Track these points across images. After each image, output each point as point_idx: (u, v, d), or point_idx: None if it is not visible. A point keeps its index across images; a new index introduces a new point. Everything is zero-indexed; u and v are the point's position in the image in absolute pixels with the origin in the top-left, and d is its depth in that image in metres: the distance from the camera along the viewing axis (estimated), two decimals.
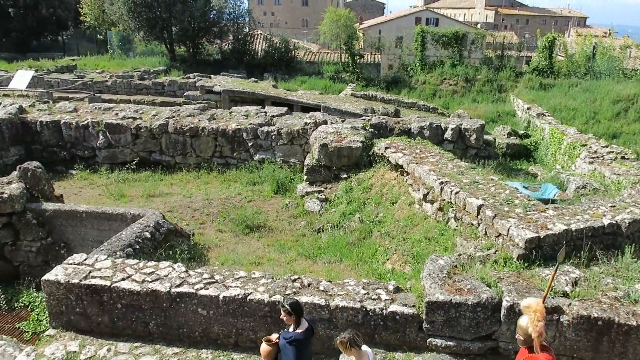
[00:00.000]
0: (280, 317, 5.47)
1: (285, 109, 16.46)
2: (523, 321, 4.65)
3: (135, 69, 31.22)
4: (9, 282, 9.53)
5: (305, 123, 14.70)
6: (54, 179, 12.95)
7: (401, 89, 29.61)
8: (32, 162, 10.57)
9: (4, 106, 16.15)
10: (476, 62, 31.26)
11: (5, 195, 9.52)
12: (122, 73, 29.57)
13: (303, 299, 6.47)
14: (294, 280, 6.97)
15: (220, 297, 6.60)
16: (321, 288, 6.78)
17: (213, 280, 6.96)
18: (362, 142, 12.95)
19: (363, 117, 15.84)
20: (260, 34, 40.25)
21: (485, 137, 15.40)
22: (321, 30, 36.89)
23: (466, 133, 14.63)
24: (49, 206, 10.04)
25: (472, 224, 8.50)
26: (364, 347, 5.18)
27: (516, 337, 4.80)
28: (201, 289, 6.74)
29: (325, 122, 14.61)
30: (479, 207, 8.34)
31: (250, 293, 6.66)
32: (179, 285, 6.80)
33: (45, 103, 17.77)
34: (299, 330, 5.33)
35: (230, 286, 6.81)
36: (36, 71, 28.25)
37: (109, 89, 27.29)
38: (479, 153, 14.70)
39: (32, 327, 8.23)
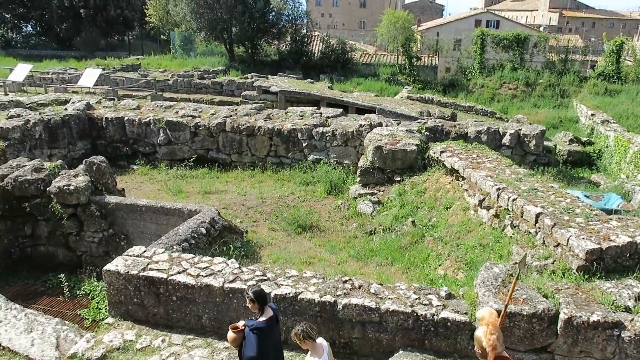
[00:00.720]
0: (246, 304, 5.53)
1: (341, 110, 16.49)
2: (479, 333, 4.47)
3: (196, 69, 32.08)
4: (73, 271, 9.98)
5: (360, 125, 14.67)
6: (116, 173, 13.46)
7: (458, 92, 29.09)
8: (98, 157, 11.05)
9: (73, 102, 16.99)
10: (538, 66, 30.31)
11: (72, 188, 10.00)
12: (183, 72, 30.47)
13: (353, 300, 6.47)
14: (345, 282, 6.96)
15: (272, 294, 6.67)
16: (372, 291, 6.75)
17: (265, 277, 7.05)
18: (417, 145, 12.79)
19: (418, 120, 15.66)
20: (318, 35, 40.51)
21: (546, 143, 14.89)
22: (378, 32, 36.72)
23: (525, 139, 14.20)
24: (112, 199, 10.45)
25: (530, 232, 8.24)
26: (319, 340, 5.21)
27: (475, 349, 4.61)
28: (253, 285, 6.83)
29: (380, 125, 14.54)
30: (538, 215, 8.07)
31: (301, 292, 6.70)
32: (232, 281, 6.93)
33: (111, 100, 18.56)
34: (262, 319, 5.40)
35: (282, 284, 6.88)
36: (103, 69, 29.53)
37: (170, 88, 28.20)
38: (539, 160, 14.23)
39: (92, 314, 8.57)
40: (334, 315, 6.57)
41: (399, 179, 12.62)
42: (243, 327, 5.48)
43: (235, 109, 16.47)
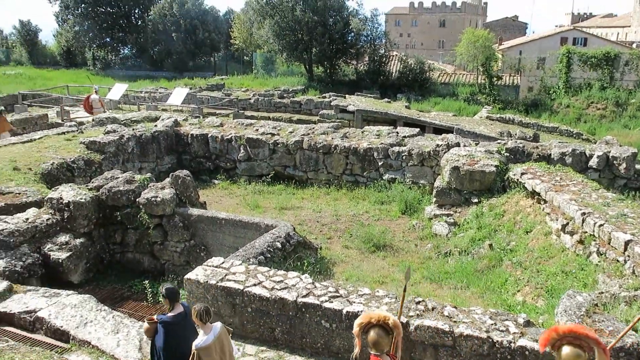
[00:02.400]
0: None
1: (417, 129, 16.39)
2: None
3: (276, 88, 33.07)
4: (156, 278, 10.51)
5: (437, 145, 14.51)
6: (199, 187, 14.08)
7: (541, 112, 28.05)
8: (183, 171, 11.65)
9: (162, 119, 18.04)
10: (629, 84, 28.64)
11: (159, 199, 10.60)
12: (264, 92, 31.51)
13: (426, 322, 6.38)
14: (418, 303, 6.88)
15: (344, 311, 6.72)
16: (445, 313, 6.62)
17: (337, 294, 7.11)
18: (496, 166, 12.46)
19: (498, 141, 15.25)
20: (396, 55, 40.60)
21: (638, 166, 14.01)
22: (457, 52, 36.27)
23: (615, 161, 13.43)
24: (194, 211, 10.96)
25: (618, 261, 7.78)
26: (215, 323, 5.72)
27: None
28: (326, 301, 6.91)
29: (457, 145, 14.30)
30: (627, 243, 7.61)
31: (373, 311, 6.68)
32: (305, 296, 7.04)
33: (196, 118, 19.51)
34: (170, 314, 5.96)
35: (354, 302, 6.91)
36: (190, 89, 31.13)
37: (251, 106, 29.23)
38: (630, 184, 13.40)
39: None
40: (406, 336, 6.49)
41: (476, 200, 12.33)
42: (157, 320, 5.97)
43: (313, 128, 16.80)
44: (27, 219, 10.07)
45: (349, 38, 37.64)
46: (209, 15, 50.68)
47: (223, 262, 8.03)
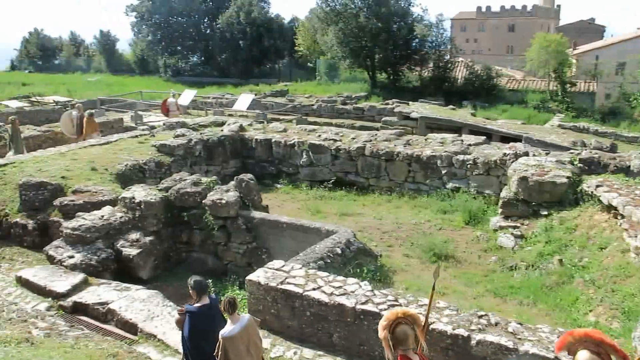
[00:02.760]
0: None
1: (483, 138, 15.99)
2: None
3: (339, 94, 33.22)
4: (218, 278, 10.79)
5: (504, 154, 14.08)
6: (262, 190, 14.32)
7: (620, 121, 26.62)
8: (247, 175, 11.95)
9: (228, 124, 18.56)
10: None
11: (224, 202, 10.90)
12: (326, 98, 31.73)
13: (489, 337, 6.19)
14: (480, 316, 6.70)
15: None
16: (510, 329, 6.40)
17: (397, 303, 7.03)
18: (567, 177, 11.93)
19: (571, 151, 14.61)
20: (461, 61, 39.85)
21: None
22: (527, 57, 35.13)
23: None
24: (257, 215, 11.19)
25: None
26: (244, 315, 6.05)
27: None
28: (385, 309, 6.85)
29: (526, 154, 13.83)
30: None
31: (433, 322, 6.58)
32: (363, 303, 7.02)
33: (261, 123, 19.92)
34: (196, 305, 6.24)
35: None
36: (255, 95, 31.83)
37: (314, 112, 29.50)
38: None
39: None
40: (467, 350, 6.33)
41: (545, 213, 11.83)
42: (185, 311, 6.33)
43: (375, 134, 16.75)
44: (103, 216, 10.64)
45: (413, 44, 37.29)
46: (274, 23, 51.71)
47: (283, 265, 8.14)
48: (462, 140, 15.62)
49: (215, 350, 5.85)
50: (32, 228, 11.46)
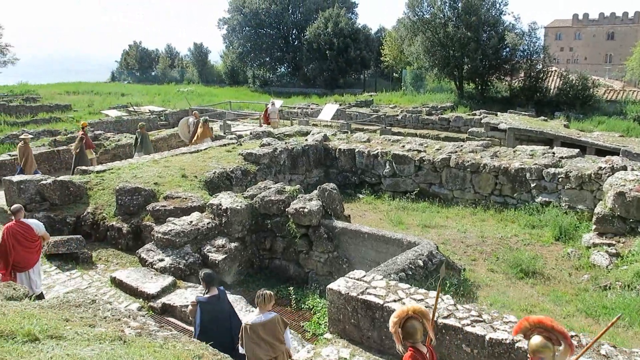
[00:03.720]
0: None
1: (577, 150, 15.14)
2: None
3: (424, 105, 32.79)
4: (300, 286, 10.96)
5: (600, 167, 13.25)
6: (344, 200, 14.42)
7: None
8: (330, 184, 12.07)
9: (312, 134, 18.89)
10: None
11: (306, 210, 11.08)
12: (411, 108, 31.43)
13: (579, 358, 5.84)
14: (570, 337, 6.33)
15: (487, 337, 6.42)
16: (602, 352, 6.01)
17: (480, 319, 6.81)
18: None
19: None
20: (555, 70, 38.03)
21: None
22: (628, 66, 32.93)
23: None
24: (339, 224, 11.26)
25: None
26: (272, 312, 6.57)
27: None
28: (467, 325, 6.66)
29: (624, 168, 12.93)
30: None
31: (519, 340, 6.31)
32: (446, 317, 6.86)
33: (344, 133, 20.09)
34: (206, 295, 6.90)
35: (498, 329, 6.57)
36: (340, 105, 32.17)
37: (398, 123, 29.32)
38: None
39: (313, 328, 9.25)
40: None
41: None
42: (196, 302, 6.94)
43: (461, 145, 16.37)
44: (191, 221, 11.16)
45: (504, 53, 36.02)
46: (361, 34, 52.03)
47: (364, 276, 8.13)
48: (553, 153, 14.89)
49: (239, 336, 6.50)
50: (126, 231, 12.23)
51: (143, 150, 18.95)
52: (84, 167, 15.35)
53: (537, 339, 4.18)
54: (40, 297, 8.70)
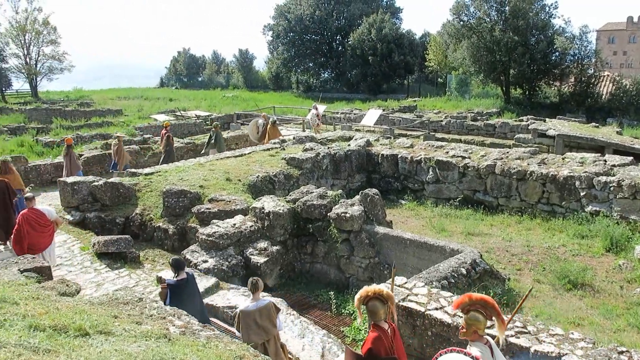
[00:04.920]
0: None
1: (630, 158, 14.57)
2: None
3: (469, 110, 32.30)
4: (340, 290, 10.96)
5: None
6: (386, 206, 14.35)
7: None
8: (372, 189, 12.05)
9: (355, 139, 18.89)
10: None
11: (348, 215, 11.09)
12: (456, 114, 31.01)
13: None
14: (621, 353, 6.10)
15: (532, 349, 6.26)
16: None
17: (525, 330, 6.65)
18: None
19: None
20: (607, 75, 36.77)
21: None
22: None
23: None
24: (380, 230, 11.22)
25: None
26: (265, 298, 7.15)
27: None
28: (512, 336, 6.52)
29: None
30: None
31: (566, 354, 6.12)
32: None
33: (387, 138, 20.00)
34: (174, 279, 7.50)
35: (544, 341, 6.39)
36: (383, 110, 32.03)
37: (442, 128, 28.96)
38: None
39: (353, 333, 9.22)
40: None
41: None
42: (166, 285, 7.47)
43: (507, 152, 16.03)
44: (235, 224, 11.35)
45: (553, 58, 35.07)
46: (405, 39, 51.69)
47: (406, 282, 8.08)
48: (604, 161, 14.39)
49: (234, 321, 7.06)
50: (172, 232, 12.54)
51: (216, 148, 20.17)
52: (133, 170, 15.87)
53: (472, 313, 4.71)
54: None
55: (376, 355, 5.05)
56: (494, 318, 4.76)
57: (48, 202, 15.00)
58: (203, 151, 20.67)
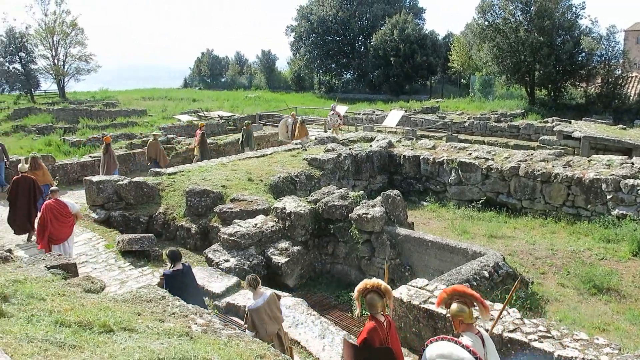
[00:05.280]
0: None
1: None
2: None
3: (493, 112, 31.94)
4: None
5: None
6: (408, 207, 14.27)
7: None
8: (393, 190, 12.00)
9: (377, 140, 18.84)
10: None
11: (369, 216, 11.07)
12: (479, 115, 30.70)
13: None
14: None
15: (555, 354, 6.17)
16: None
17: (549, 335, 6.57)
18: None
19: None
20: (636, 76, 35.97)
21: None
22: None
23: None
24: (402, 231, 11.17)
25: None
26: (263, 289, 7.43)
27: None
28: (535, 340, 6.44)
29: None
30: None
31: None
32: (511, 331, 6.66)
33: (409, 140, 19.90)
34: (171, 270, 7.85)
35: (568, 346, 6.30)
36: (405, 111, 31.87)
37: (465, 130, 28.70)
38: None
39: None
40: None
41: None
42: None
43: (531, 154, 15.81)
44: (256, 224, 11.42)
45: (579, 58, 34.42)
46: (427, 39, 51.30)
47: (427, 285, 8.04)
48: (632, 163, 14.08)
49: (244, 321, 7.14)
50: (194, 232, 12.68)
51: (248, 146, 21.10)
52: (157, 169, 16.09)
53: (455, 305, 4.89)
54: None
55: (370, 345, 5.31)
56: (476, 305, 4.93)
57: (75, 200, 15.28)
58: (241, 149, 21.56)
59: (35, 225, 11.43)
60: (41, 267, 7.26)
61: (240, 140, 21.86)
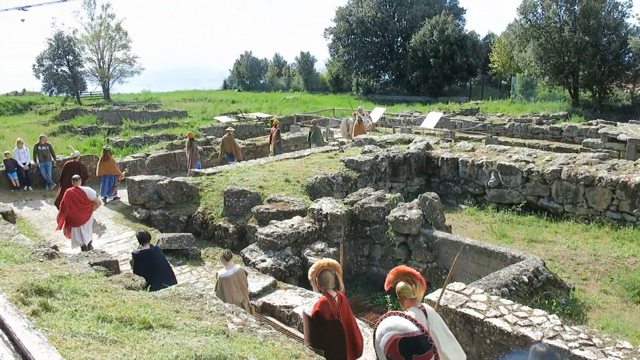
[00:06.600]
0: None
1: None
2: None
3: (534, 114, 31.23)
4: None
5: None
6: (445, 210, 14.10)
7: None
8: (431, 193, 11.89)
9: (414, 142, 18.69)
10: None
11: (406, 219, 11.00)
12: (520, 117, 30.06)
13: None
14: None
15: None
16: None
17: (590, 342, 6.38)
18: None
19: None
20: None
21: None
22: None
23: None
24: (439, 234, 11.05)
25: None
26: (236, 265, 8.42)
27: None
28: (575, 348, 6.27)
29: None
30: None
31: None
32: (551, 338, 6.50)
33: (448, 142, 19.66)
34: (139, 249, 8.65)
35: (610, 355, 6.11)
36: (444, 113, 31.52)
37: (505, 132, 28.13)
38: None
39: None
40: None
41: None
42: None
43: (574, 157, 15.39)
44: (293, 225, 11.50)
45: (626, 59, 33.35)
46: (468, 40, 50.59)
47: (464, 289, 7.92)
48: None
49: (215, 288, 8.07)
50: (232, 231, 12.86)
51: (315, 143, 21.86)
52: (196, 170, 16.41)
53: (400, 284, 5.30)
54: (89, 247, 11.77)
55: (321, 317, 5.99)
56: (416, 282, 5.32)
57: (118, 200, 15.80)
58: (308, 146, 22.23)
59: None
60: (85, 264, 7.52)
61: (308, 137, 22.88)
